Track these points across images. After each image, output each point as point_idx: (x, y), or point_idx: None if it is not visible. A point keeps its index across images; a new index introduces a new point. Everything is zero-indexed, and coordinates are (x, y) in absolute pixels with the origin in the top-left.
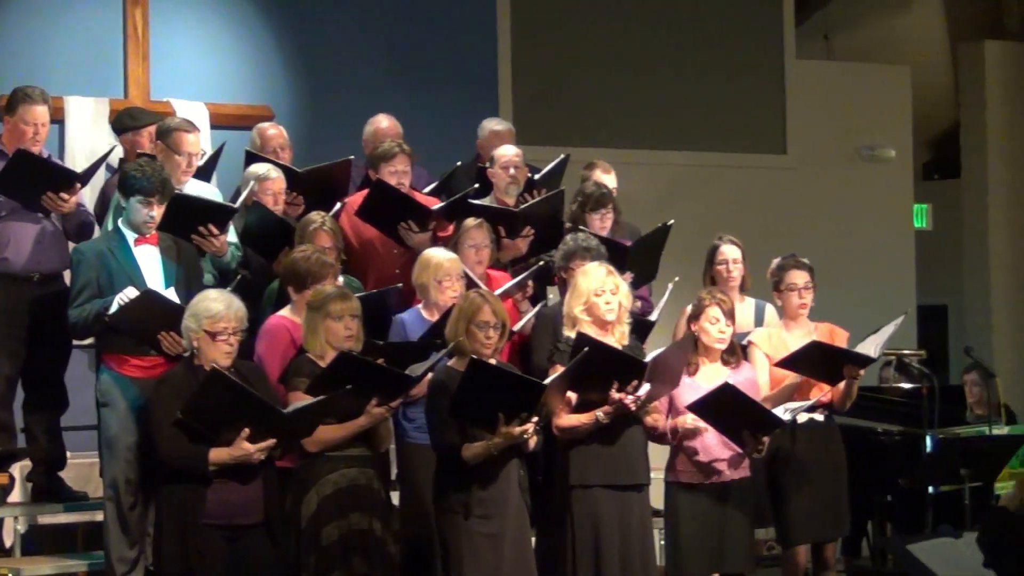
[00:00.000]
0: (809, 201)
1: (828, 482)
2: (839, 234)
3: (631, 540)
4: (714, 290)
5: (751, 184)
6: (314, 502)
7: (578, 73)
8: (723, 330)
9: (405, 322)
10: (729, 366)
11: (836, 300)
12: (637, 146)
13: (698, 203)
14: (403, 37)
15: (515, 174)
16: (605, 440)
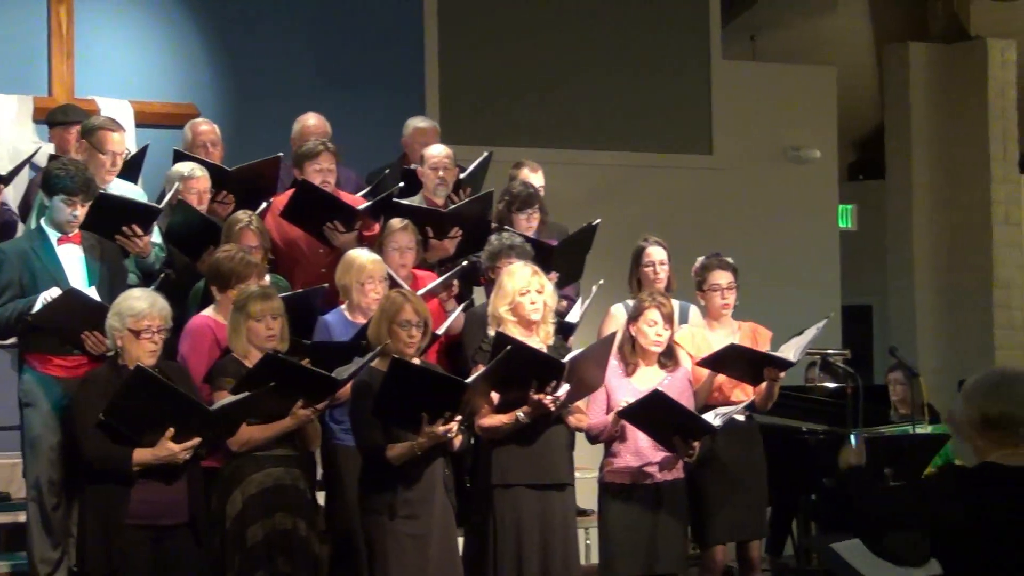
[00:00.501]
0: (735, 201)
1: (747, 483)
2: (764, 234)
3: (553, 539)
4: (655, 293)
5: (678, 184)
6: (239, 502)
7: (505, 73)
8: (660, 333)
9: (329, 323)
10: (666, 369)
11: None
12: (564, 146)
13: (625, 203)
14: (330, 37)
15: (444, 175)
16: (527, 440)
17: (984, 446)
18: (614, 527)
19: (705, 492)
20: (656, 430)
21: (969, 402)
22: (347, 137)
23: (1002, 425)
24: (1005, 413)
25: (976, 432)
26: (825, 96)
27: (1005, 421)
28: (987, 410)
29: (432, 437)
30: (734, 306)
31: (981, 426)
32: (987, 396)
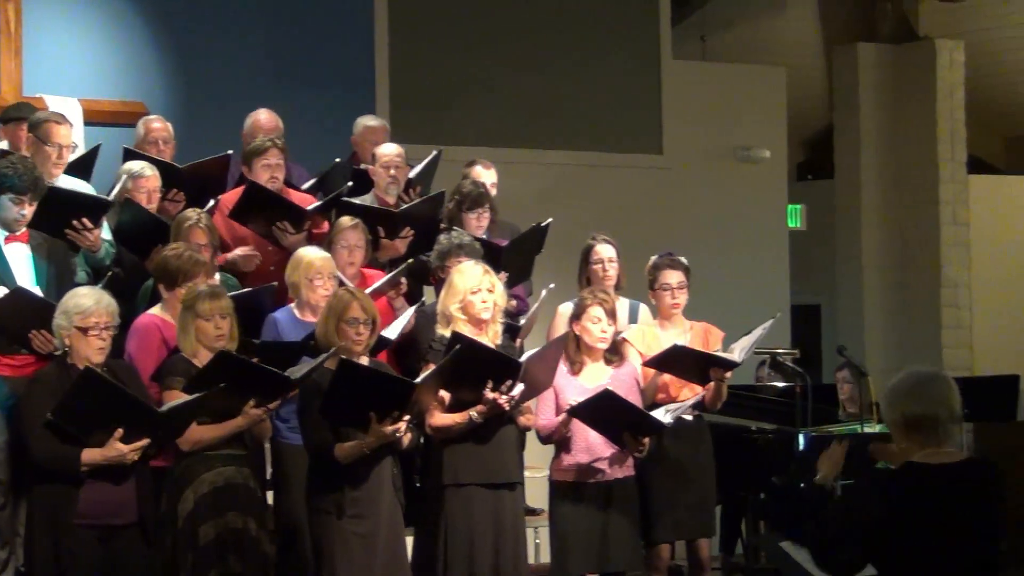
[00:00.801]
0: (685, 201)
1: (695, 482)
2: (714, 233)
3: (504, 538)
4: (596, 289)
5: (628, 184)
6: (191, 501)
7: (455, 72)
8: (605, 329)
9: (278, 321)
10: (612, 365)
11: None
12: (514, 145)
13: (576, 202)
14: (279, 34)
15: (395, 174)
16: (478, 439)
17: (908, 447)
18: (566, 525)
19: (652, 491)
20: (606, 428)
21: (890, 405)
22: (298, 135)
23: (922, 426)
24: (924, 414)
25: (900, 434)
26: (775, 96)
27: (925, 421)
28: (908, 412)
29: (380, 436)
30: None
31: (904, 428)
32: (907, 398)
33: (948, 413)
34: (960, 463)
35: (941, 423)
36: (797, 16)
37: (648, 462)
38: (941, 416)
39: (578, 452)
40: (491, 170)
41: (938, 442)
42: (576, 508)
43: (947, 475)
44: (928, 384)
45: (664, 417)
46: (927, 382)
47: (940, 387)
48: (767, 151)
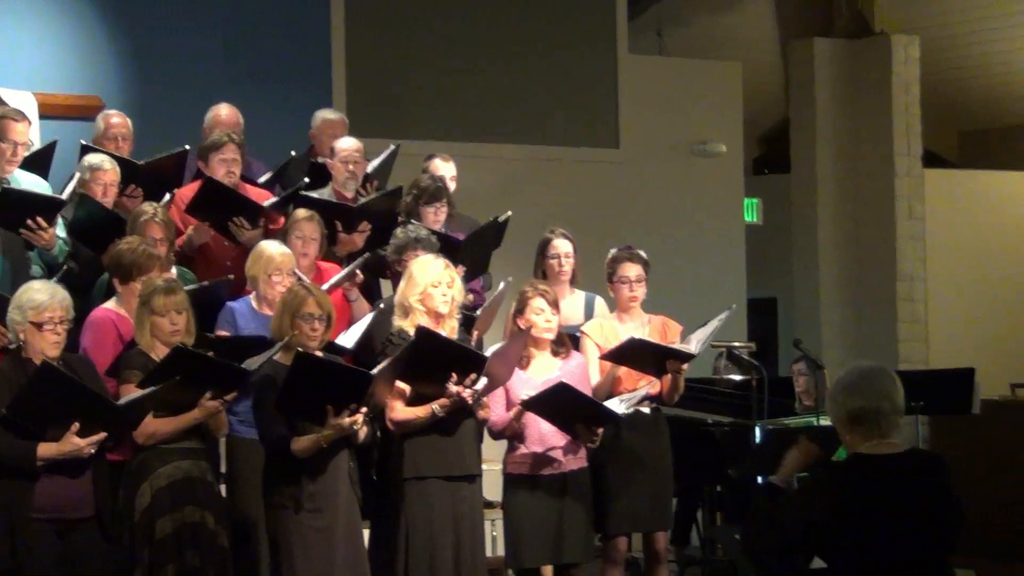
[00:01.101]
0: (641, 195)
1: (652, 475)
2: (671, 227)
3: (463, 531)
4: (535, 282)
5: (584, 178)
6: (148, 495)
7: (412, 66)
8: (549, 319)
9: (235, 310)
10: (559, 356)
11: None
12: (471, 139)
13: (532, 196)
14: (236, 28)
15: (354, 168)
16: (439, 432)
17: (853, 440)
18: (520, 517)
19: (609, 483)
20: (560, 419)
21: (834, 401)
22: (254, 129)
23: (866, 419)
24: (867, 407)
25: (845, 428)
26: (731, 91)
27: (868, 414)
28: (851, 406)
29: (337, 429)
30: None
31: (848, 422)
32: (850, 393)
33: (891, 406)
34: (903, 453)
35: (884, 415)
36: (753, 11)
37: (606, 455)
38: (884, 409)
39: (531, 444)
40: (450, 163)
41: (881, 434)
42: (530, 500)
43: (893, 465)
44: (871, 378)
45: (618, 407)
46: (870, 376)
47: (883, 381)
48: (723, 146)
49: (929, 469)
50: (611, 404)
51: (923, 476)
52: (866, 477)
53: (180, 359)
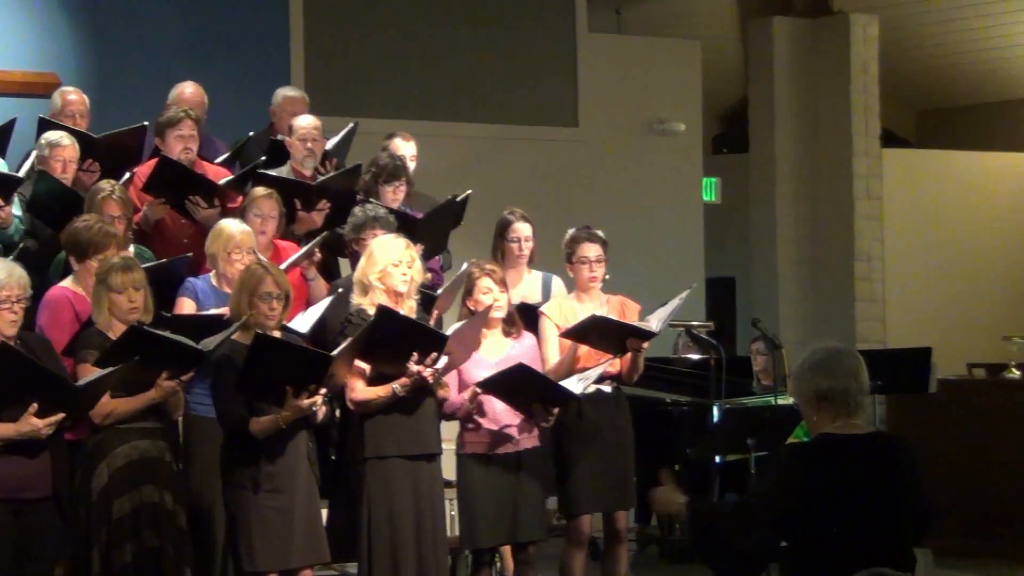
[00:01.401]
0: (600, 174)
1: (614, 454)
2: (630, 207)
3: (424, 509)
4: (481, 262)
5: (543, 157)
6: (105, 475)
7: (371, 44)
8: (498, 298)
9: (196, 285)
10: (511, 336)
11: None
12: (430, 118)
13: (490, 175)
14: (194, 5)
15: (312, 146)
16: (399, 411)
17: (819, 420)
18: (474, 496)
19: (572, 463)
20: (516, 400)
21: (801, 380)
22: (213, 107)
23: (834, 398)
24: (835, 387)
25: (811, 408)
26: (690, 70)
27: (836, 394)
28: (819, 385)
29: (297, 410)
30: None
31: (816, 401)
32: (816, 373)
33: (858, 386)
34: (869, 435)
35: (852, 395)
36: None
37: (567, 434)
38: (852, 389)
39: (486, 423)
40: (411, 143)
41: (848, 413)
42: (485, 479)
43: (859, 446)
44: (837, 358)
45: (575, 387)
46: (836, 356)
47: (849, 360)
48: (682, 124)
49: (894, 451)
50: (568, 384)
51: (889, 458)
52: (833, 457)
53: (136, 339)
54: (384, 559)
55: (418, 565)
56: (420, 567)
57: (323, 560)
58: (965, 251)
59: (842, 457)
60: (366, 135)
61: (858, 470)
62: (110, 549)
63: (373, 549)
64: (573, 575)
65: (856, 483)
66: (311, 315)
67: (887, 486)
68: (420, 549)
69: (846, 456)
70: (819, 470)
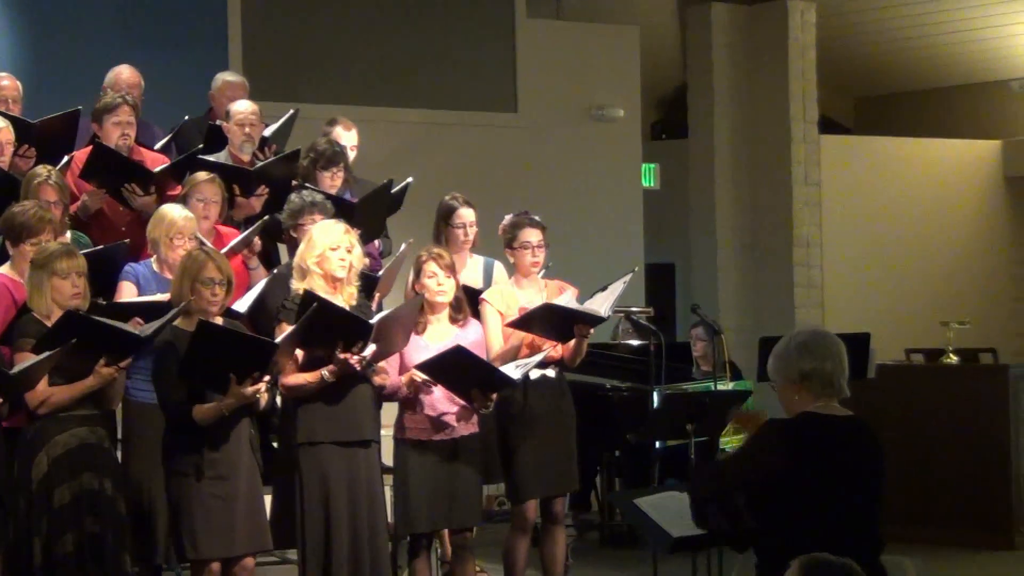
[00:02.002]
0: (540, 160)
1: (558, 438)
2: (569, 192)
3: (359, 496)
4: (429, 247)
5: (483, 142)
6: (44, 464)
7: (310, 29)
8: (442, 283)
9: (138, 271)
10: (457, 324)
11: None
12: (369, 103)
13: (430, 161)
14: None
15: (250, 131)
16: (332, 398)
17: (800, 399)
18: (411, 482)
19: (516, 448)
20: (454, 384)
21: (786, 360)
22: (149, 93)
23: (818, 379)
24: (820, 368)
25: (792, 388)
26: (629, 56)
27: (821, 375)
28: (803, 366)
29: (240, 398)
30: (544, 265)
31: (799, 380)
32: (803, 353)
33: (841, 368)
34: (848, 417)
35: (835, 376)
36: None
37: (511, 419)
38: (836, 370)
39: (423, 409)
40: (352, 131)
41: (832, 395)
42: (422, 465)
43: (839, 427)
44: (823, 340)
45: (513, 372)
46: (822, 338)
47: (834, 344)
48: (621, 110)
49: (870, 436)
50: (506, 369)
51: (866, 442)
52: (821, 434)
53: (72, 324)
54: (317, 545)
55: (351, 551)
56: (353, 553)
57: (266, 547)
58: (903, 237)
59: (823, 437)
60: (306, 120)
61: (838, 451)
62: (51, 539)
63: (305, 536)
64: (517, 561)
65: (836, 463)
66: (248, 296)
67: (864, 469)
68: (355, 536)
69: (827, 436)
70: (801, 447)
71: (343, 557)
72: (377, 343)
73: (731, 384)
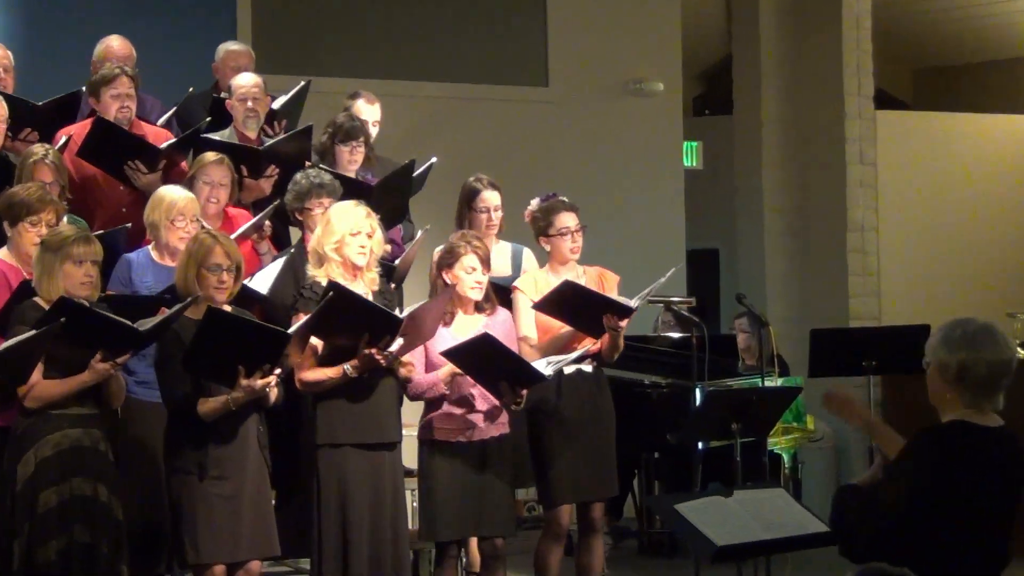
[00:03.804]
0: (572, 137)
1: (595, 438)
2: (604, 173)
3: (382, 502)
4: (468, 235)
5: (511, 118)
6: (32, 464)
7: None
8: (479, 280)
9: (132, 262)
10: (484, 313)
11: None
12: (389, 76)
13: (454, 139)
14: None
15: (254, 106)
16: (355, 396)
17: (953, 400)
18: (436, 487)
19: (550, 449)
20: (482, 375)
21: (949, 349)
22: (152, 65)
23: (982, 383)
24: (991, 371)
25: (944, 385)
26: (669, 24)
27: (988, 379)
28: (969, 362)
29: (249, 392)
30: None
31: (956, 377)
32: (972, 347)
33: (1010, 377)
34: (1001, 428)
35: (1001, 385)
36: None
37: (544, 418)
38: (1005, 378)
39: (453, 408)
40: (375, 105)
41: (992, 406)
42: (449, 468)
43: (993, 439)
44: (1000, 340)
45: (545, 368)
46: (999, 339)
47: (1008, 345)
48: (660, 84)
49: (1016, 447)
50: (537, 365)
51: (1012, 453)
52: (968, 450)
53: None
54: (333, 555)
55: (372, 562)
56: (374, 564)
57: (273, 553)
58: (966, 220)
59: (974, 452)
60: (320, 94)
61: (986, 468)
62: (32, 545)
63: (323, 546)
64: (549, 570)
65: (980, 480)
66: (267, 275)
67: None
68: (376, 545)
69: (978, 451)
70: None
71: (362, 568)
72: (404, 337)
73: (779, 380)
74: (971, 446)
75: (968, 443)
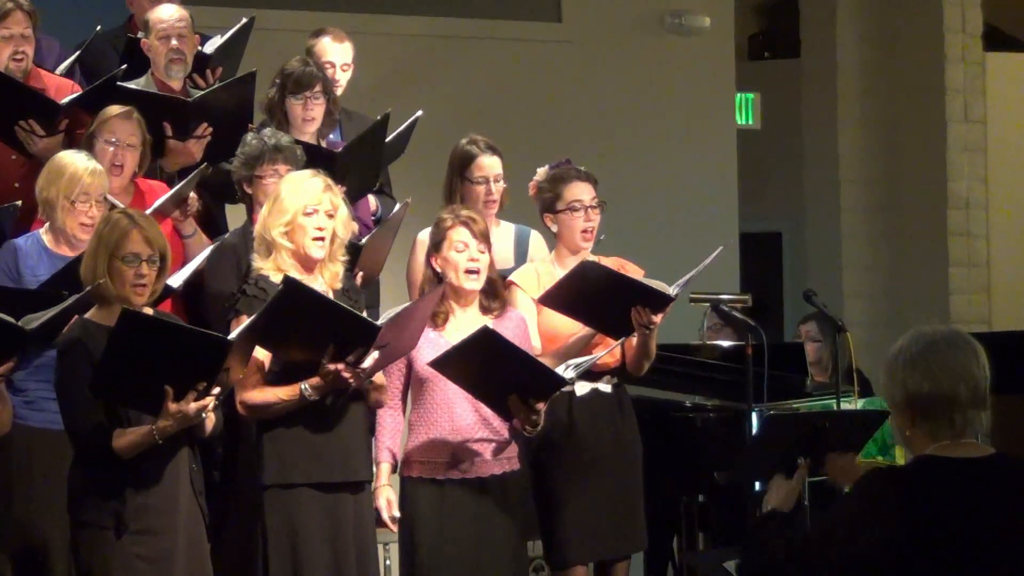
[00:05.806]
0: (592, 86)
1: (617, 478)
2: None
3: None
4: (457, 208)
5: (514, 62)
6: None
7: None
8: (475, 257)
9: (20, 249)
10: (491, 315)
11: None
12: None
13: (446, 87)
14: None
15: (179, 45)
16: (313, 422)
17: (914, 437)
18: (423, 536)
19: (560, 492)
20: (484, 389)
21: (892, 378)
22: None
23: (935, 409)
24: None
25: (904, 418)
26: None
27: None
28: (913, 388)
29: (180, 419)
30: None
31: (908, 410)
32: (913, 370)
33: (969, 393)
34: (988, 458)
35: (959, 407)
36: None
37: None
38: (961, 397)
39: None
40: (345, 44)
41: (954, 433)
42: (438, 512)
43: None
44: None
45: (566, 372)
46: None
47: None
48: (707, 18)
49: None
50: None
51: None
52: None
53: None
54: None
55: None
56: None
57: None
58: None
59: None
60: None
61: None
62: None
63: None
64: None
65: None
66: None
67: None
68: None
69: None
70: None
71: None
72: (381, 349)
73: (860, 402)
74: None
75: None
